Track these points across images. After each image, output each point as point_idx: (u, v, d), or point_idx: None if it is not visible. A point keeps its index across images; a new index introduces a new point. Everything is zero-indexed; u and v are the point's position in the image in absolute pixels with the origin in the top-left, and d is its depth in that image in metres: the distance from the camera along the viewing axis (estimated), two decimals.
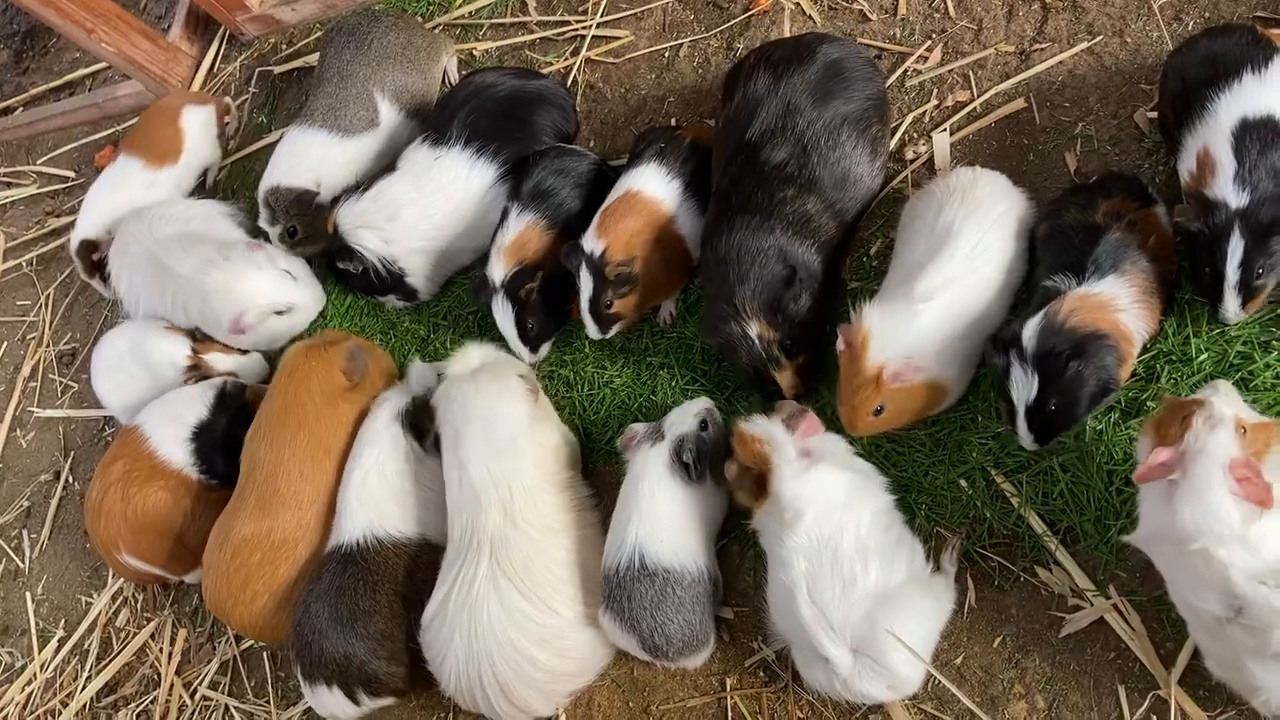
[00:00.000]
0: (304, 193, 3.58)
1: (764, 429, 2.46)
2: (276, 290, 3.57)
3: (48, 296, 4.69)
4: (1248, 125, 2.24)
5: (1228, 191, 2.21)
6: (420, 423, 2.97)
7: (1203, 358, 2.32)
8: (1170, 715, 2.12)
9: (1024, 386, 2.26)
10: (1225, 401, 1.98)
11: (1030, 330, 2.25)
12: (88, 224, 4.09)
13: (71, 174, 5.08)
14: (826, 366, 2.70)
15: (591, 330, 2.99)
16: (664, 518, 2.57)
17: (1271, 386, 2.23)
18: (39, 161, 5.23)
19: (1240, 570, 1.86)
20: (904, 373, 2.38)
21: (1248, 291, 2.23)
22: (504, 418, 2.74)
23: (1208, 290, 2.29)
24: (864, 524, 2.34)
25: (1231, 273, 2.21)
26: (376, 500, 2.91)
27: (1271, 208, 2.17)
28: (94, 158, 5.02)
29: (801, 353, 2.65)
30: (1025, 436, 2.31)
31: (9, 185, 5.27)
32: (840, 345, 2.49)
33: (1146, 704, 2.16)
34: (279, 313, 3.61)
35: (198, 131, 4.24)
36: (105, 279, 4.05)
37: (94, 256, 4.08)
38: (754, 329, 2.60)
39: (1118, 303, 2.27)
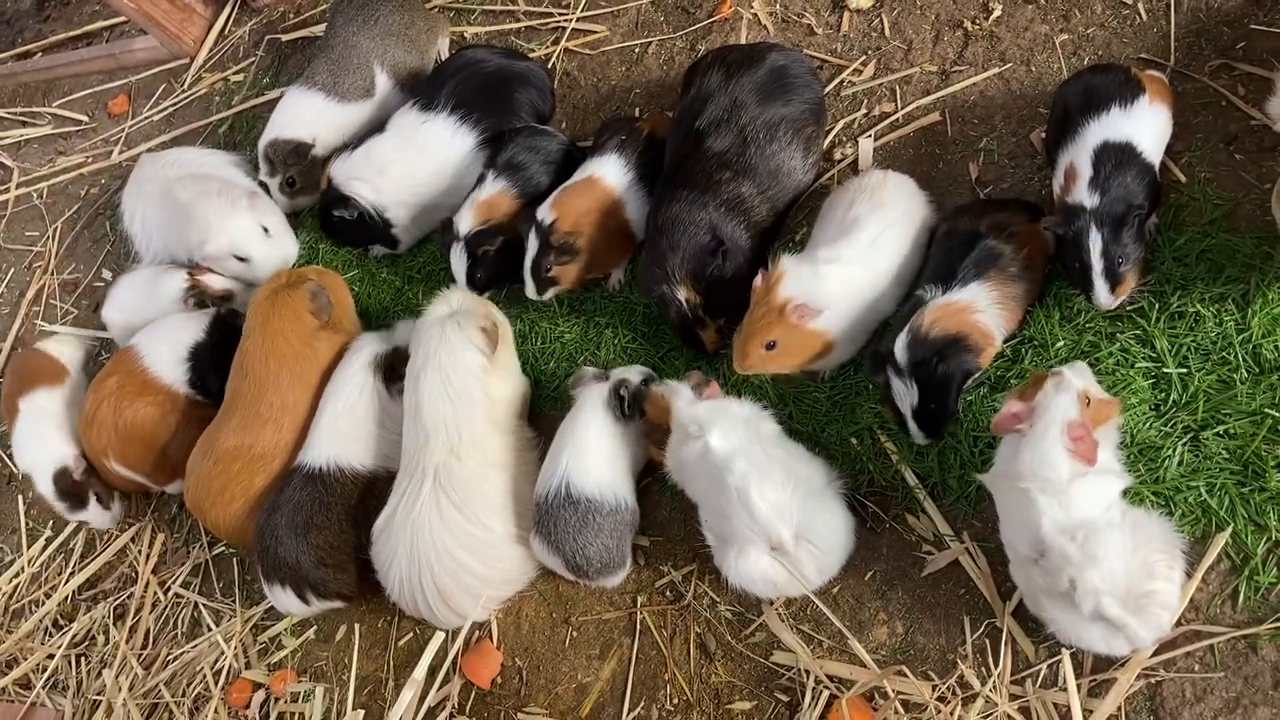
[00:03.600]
0: (300, 144, 3.94)
1: (668, 386, 2.83)
2: (241, 238, 3.85)
3: (55, 229, 4.99)
4: (1108, 145, 2.61)
5: (1084, 196, 2.57)
6: (395, 368, 3.27)
7: (1059, 344, 2.69)
8: (1002, 640, 2.48)
9: (906, 396, 2.62)
10: (1077, 376, 2.35)
11: (900, 346, 2.60)
12: (48, 457, 3.85)
13: (85, 118, 5.38)
14: None
15: (529, 290, 3.29)
16: (592, 448, 2.91)
17: (1113, 370, 2.60)
18: (55, 104, 5.53)
19: (1051, 521, 2.22)
20: (805, 310, 2.70)
21: (1114, 277, 2.54)
22: (460, 367, 3.03)
23: (1080, 282, 2.60)
24: (768, 435, 2.69)
25: (1095, 262, 2.54)
26: (345, 437, 3.23)
27: (1119, 205, 2.53)
28: (106, 105, 5.35)
29: (722, 315, 2.98)
30: (918, 435, 2.68)
31: (25, 124, 5.58)
32: (757, 282, 2.79)
33: (983, 630, 2.52)
34: (239, 258, 3.89)
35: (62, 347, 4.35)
36: (82, 501, 3.84)
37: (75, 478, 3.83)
38: (681, 293, 2.94)
39: (976, 305, 2.62)
